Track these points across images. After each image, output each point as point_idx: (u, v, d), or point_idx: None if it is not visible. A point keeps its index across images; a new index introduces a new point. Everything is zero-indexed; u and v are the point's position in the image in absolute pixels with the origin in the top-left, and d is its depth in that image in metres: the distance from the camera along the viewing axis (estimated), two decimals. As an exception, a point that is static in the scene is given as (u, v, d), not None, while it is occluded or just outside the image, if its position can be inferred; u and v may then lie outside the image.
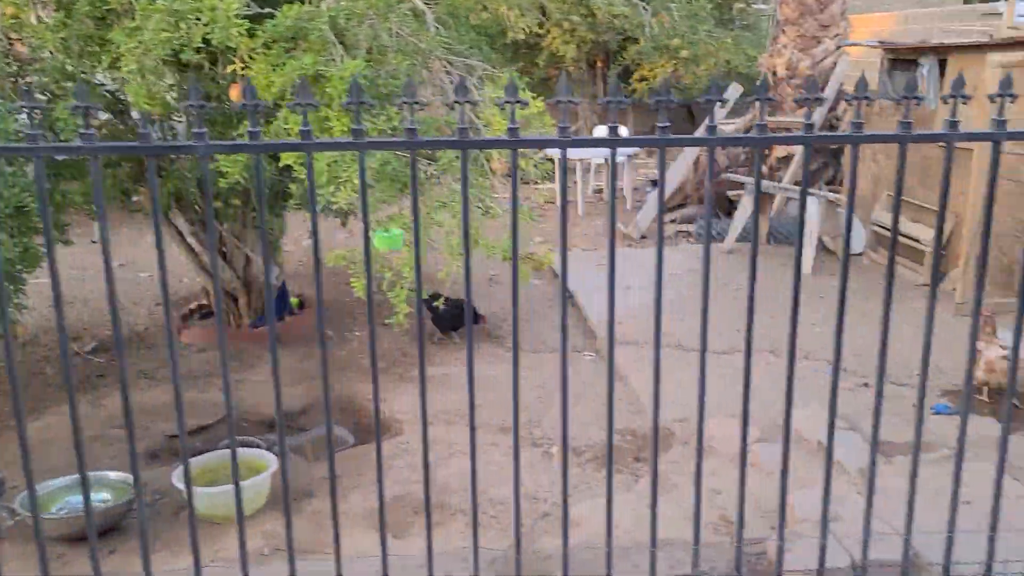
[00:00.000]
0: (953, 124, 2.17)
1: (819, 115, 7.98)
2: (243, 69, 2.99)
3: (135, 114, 5.38)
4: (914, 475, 2.35)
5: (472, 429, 2.59)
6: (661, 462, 4.27)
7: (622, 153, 9.47)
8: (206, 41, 3.06)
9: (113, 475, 3.87)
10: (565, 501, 2.59)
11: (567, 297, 2.43)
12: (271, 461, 3.93)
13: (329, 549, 3.49)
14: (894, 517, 3.32)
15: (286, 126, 3.21)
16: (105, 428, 4.70)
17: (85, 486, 2.52)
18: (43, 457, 4.22)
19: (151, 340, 6.07)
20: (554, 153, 10.73)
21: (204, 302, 6.30)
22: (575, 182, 10.10)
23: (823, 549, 2.48)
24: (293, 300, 6.28)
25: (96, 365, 5.63)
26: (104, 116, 5.15)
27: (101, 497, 3.74)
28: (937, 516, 2.59)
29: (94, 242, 8.58)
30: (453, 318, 5.97)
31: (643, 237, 8.71)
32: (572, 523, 3.74)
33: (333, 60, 3.06)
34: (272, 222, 5.55)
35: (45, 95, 4.07)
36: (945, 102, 2.14)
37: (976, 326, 2.44)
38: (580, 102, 2.81)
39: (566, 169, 2.30)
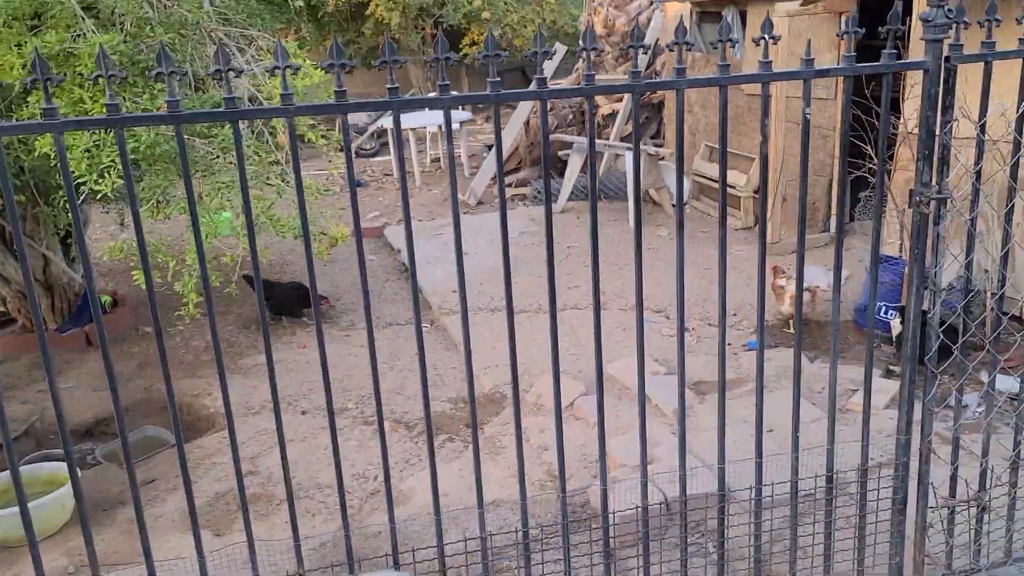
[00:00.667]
0: (767, 64, 2.20)
1: (642, 62, 8.17)
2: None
3: None
4: (722, 408, 2.42)
5: (277, 407, 2.45)
6: (492, 425, 4.30)
7: (456, 119, 9.39)
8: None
9: None
10: (387, 472, 2.52)
11: (414, 270, 2.33)
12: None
13: (141, 557, 3.31)
14: (708, 453, 3.47)
15: (37, 112, 2.92)
16: None
17: None
18: None
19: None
20: (389, 124, 10.51)
21: (2, 308, 5.77)
22: (408, 155, 9.95)
23: (644, 486, 2.53)
24: (104, 298, 5.86)
25: None
26: None
27: None
28: (746, 447, 2.70)
29: None
30: (291, 301, 5.77)
31: (480, 203, 8.69)
32: (403, 496, 3.71)
33: (83, 35, 2.79)
34: (62, 217, 5.11)
35: None
36: (757, 44, 2.17)
37: (763, 267, 2.51)
38: (405, 61, 2.73)
39: (400, 134, 2.19)
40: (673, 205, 7.60)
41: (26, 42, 2.75)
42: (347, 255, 6.82)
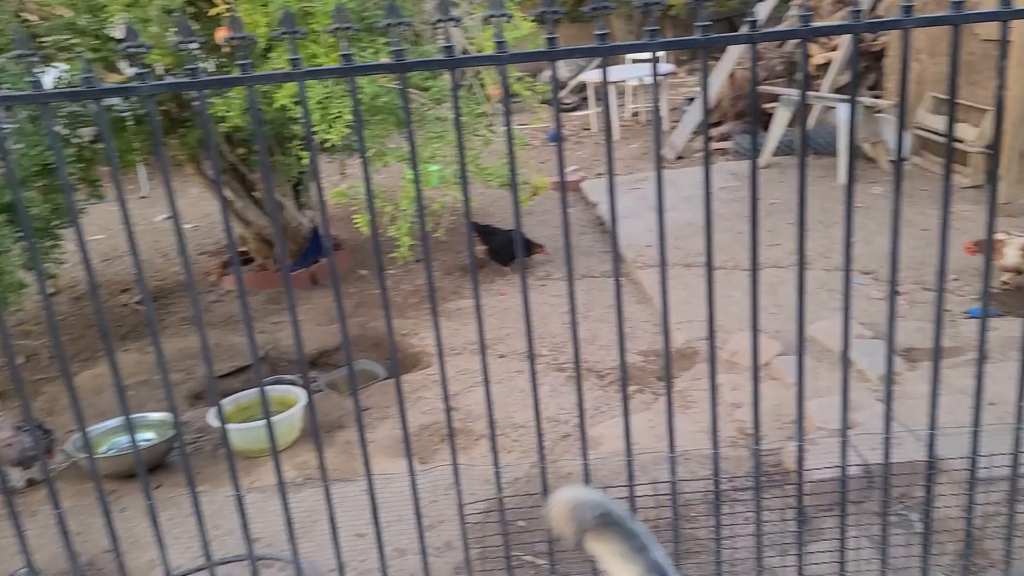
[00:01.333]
0: (1006, 1, 2.01)
1: (866, 2, 7.61)
2: (227, 11, 3.01)
3: (159, 68, 5.48)
4: (936, 373, 2.29)
5: (484, 350, 2.61)
6: (683, 380, 4.30)
7: (659, 72, 9.23)
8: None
9: (154, 416, 4.07)
10: (582, 414, 2.63)
11: (614, 222, 2.40)
12: (301, 397, 4.07)
13: (359, 474, 3.66)
14: (915, 423, 3.29)
15: (278, 66, 3.23)
16: (152, 374, 4.91)
17: (131, 426, 2.62)
18: (97, 403, 4.46)
19: (196, 287, 6.27)
20: (590, 78, 10.53)
21: (243, 248, 6.45)
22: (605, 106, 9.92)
23: (844, 446, 2.46)
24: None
25: (143, 315, 5.86)
26: (130, 71, 5.25)
27: (145, 437, 3.95)
28: (960, 418, 2.55)
29: (143, 197, 8.85)
30: (506, 248, 5.92)
31: (679, 158, 8.54)
32: (593, 442, 3.82)
33: (319, -4, 3.07)
34: (295, 165, 5.62)
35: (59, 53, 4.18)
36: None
37: (991, 227, 2.32)
38: (615, 7, 2.74)
39: (607, 83, 2.25)
40: (891, 160, 7.09)
41: (268, 2, 3.05)
42: (546, 207, 6.98)
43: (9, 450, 3.62)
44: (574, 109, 12.07)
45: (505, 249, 5.94)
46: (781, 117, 7.65)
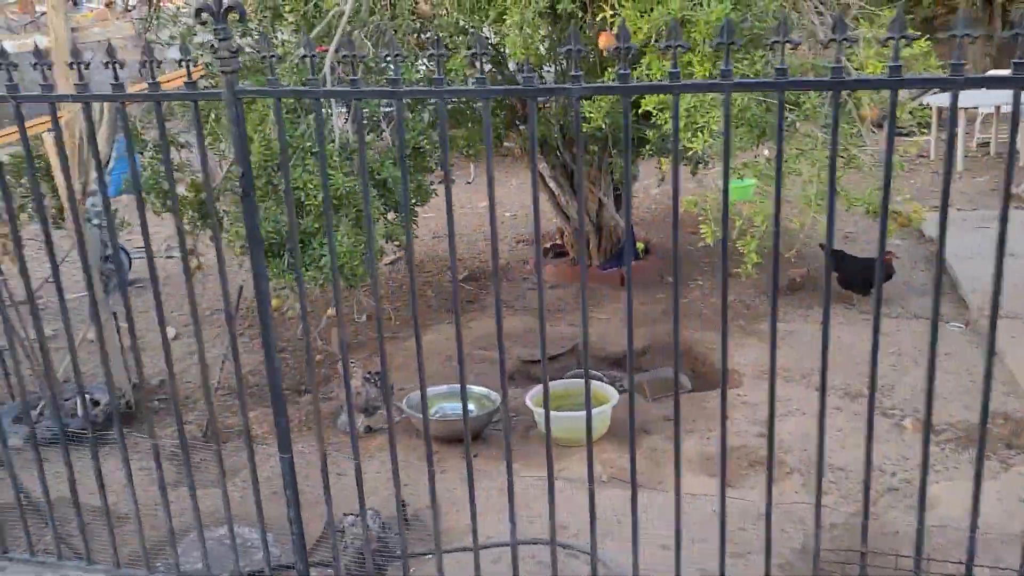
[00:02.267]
0: None
1: None
2: (612, 16, 3.11)
3: (511, 65, 5.86)
4: None
5: (823, 390, 2.48)
6: (1038, 453, 3.77)
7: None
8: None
9: (477, 389, 4.37)
10: (925, 468, 2.39)
11: (939, 262, 2.20)
12: (613, 395, 4.15)
13: (664, 484, 3.65)
14: None
15: (648, 71, 3.29)
16: (471, 348, 5.28)
17: (463, 395, 2.82)
18: (425, 367, 4.89)
19: (511, 274, 6.65)
20: (935, 101, 9.59)
21: (558, 241, 6.72)
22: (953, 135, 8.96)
23: None
24: (638, 245, 6.46)
25: (466, 292, 6.32)
26: (487, 67, 5.67)
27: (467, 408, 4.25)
28: None
29: (468, 183, 9.56)
30: (862, 276, 5.45)
31: None
32: (926, 503, 3.48)
33: (700, 4, 3.05)
34: (617, 166, 5.73)
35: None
36: None
37: None
38: (977, 36, 2.48)
39: (955, 113, 2.06)
40: None
41: (651, 9, 3.11)
42: (870, 235, 6.49)
43: (357, 398, 4.07)
44: (907, 134, 11.09)
45: (858, 276, 5.49)
46: None
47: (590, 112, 3.45)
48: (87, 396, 4.48)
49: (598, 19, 3.22)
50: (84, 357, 3.84)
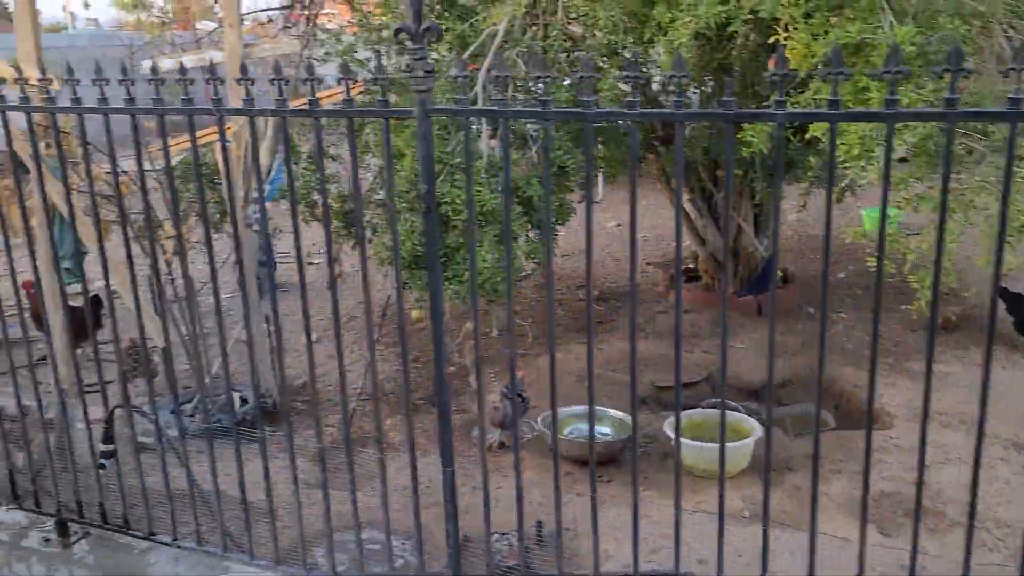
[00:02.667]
0: None
1: None
2: (785, 39, 3.01)
3: (653, 86, 5.81)
4: None
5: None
6: None
7: None
8: (752, 12, 3.15)
9: (613, 412, 4.31)
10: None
11: None
12: (755, 428, 4.01)
13: (806, 525, 3.48)
14: None
15: (816, 96, 3.17)
16: (602, 370, 5.23)
17: (591, 418, 2.77)
18: (557, 386, 4.87)
19: (643, 296, 6.55)
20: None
21: (691, 265, 6.58)
22: None
23: None
24: (780, 273, 6.24)
25: (597, 312, 6.27)
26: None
27: (602, 431, 4.20)
28: None
29: (596, 202, 9.53)
30: None
31: None
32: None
33: (881, 27, 2.92)
34: (765, 192, 5.57)
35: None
36: None
37: None
38: None
39: None
40: None
41: (827, 31, 3.00)
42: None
43: (494, 413, 4.09)
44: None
45: None
46: None
47: (751, 136, 3.36)
48: (237, 394, 4.72)
49: (770, 41, 3.14)
50: (233, 356, 4.02)
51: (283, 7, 5.95)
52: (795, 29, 3.00)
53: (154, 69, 2.55)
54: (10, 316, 3.48)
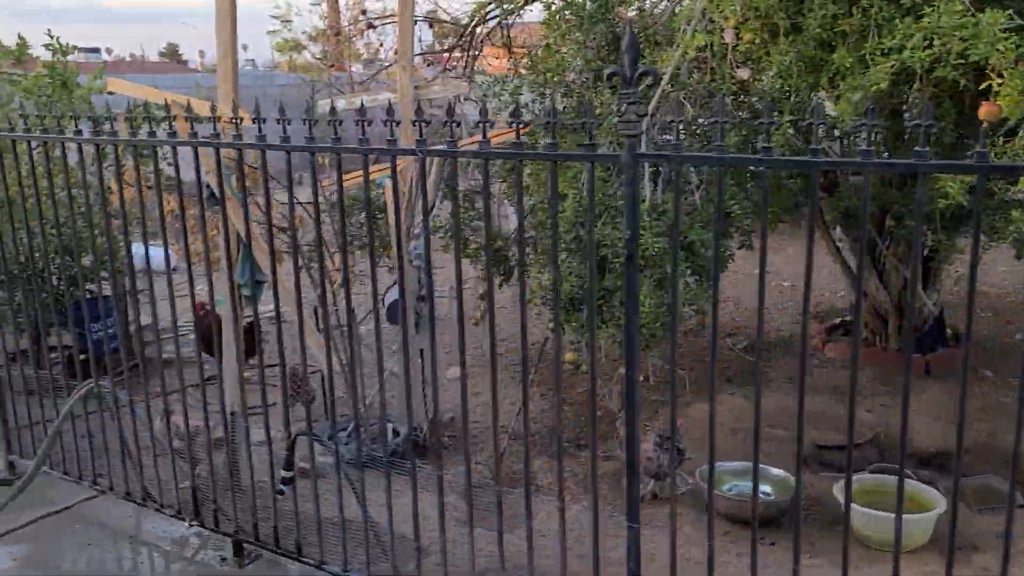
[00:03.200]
0: None
1: None
2: (998, 86, 2.81)
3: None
4: None
5: None
6: None
7: None
8: (960, 56, 2.97)
9: (774, 471, 4.10)
10: None
11: None
12: (937, 500, 3.71)
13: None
14: None
15: (1025, 145, 2.94)
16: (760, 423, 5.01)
17: (755, 476, 2.65)
18: (707, 439, 4.69)
19: (796, 347, 6.26)
20: None
21: (849, 318, 6.26)
22: None
23: None
24: (949, 332, 5.84)
25: (748, 363, 6.04)
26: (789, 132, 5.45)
27: (763, 489, 3.99)
28: None
29: (749, 247, 9.25)
30: None
31: None
32: None
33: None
34: (942, 245, 5.23)
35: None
36: None
37: None
38: None
39: None
40: None
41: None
42: None
43: (649, 463, 3.97)
44: None
45: None
46: None
47: (951, 186, 3.15)
48: (390, 425, 4.80)
49: (980, 87, 2.94)
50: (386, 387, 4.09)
51: (446, 49, 6.14)
52: (1008, 75, 2.80)
53: (332, 109, 2.68)
54: (181, 336, 3.67)
